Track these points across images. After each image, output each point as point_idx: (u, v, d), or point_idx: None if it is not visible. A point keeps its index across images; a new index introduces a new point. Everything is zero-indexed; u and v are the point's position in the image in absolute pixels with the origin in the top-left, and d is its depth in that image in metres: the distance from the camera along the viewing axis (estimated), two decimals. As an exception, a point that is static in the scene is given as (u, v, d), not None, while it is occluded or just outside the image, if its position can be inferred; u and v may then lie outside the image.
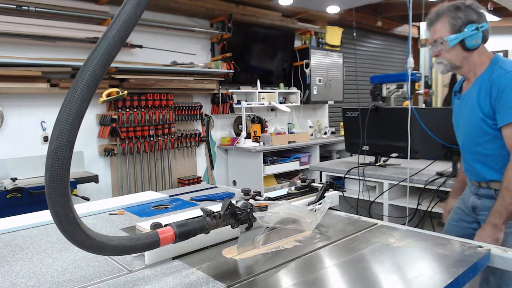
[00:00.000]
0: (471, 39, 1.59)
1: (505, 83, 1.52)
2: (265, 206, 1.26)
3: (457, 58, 1.64)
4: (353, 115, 3.08)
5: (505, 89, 1.51)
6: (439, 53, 1.66)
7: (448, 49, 1.63)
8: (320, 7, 5.09)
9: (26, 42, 3.35)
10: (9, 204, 2.77)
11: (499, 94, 1.53)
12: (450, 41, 1.60)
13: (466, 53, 1.62)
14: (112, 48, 0.79)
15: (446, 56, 1.65)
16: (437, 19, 1.65)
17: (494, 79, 1.56)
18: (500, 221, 1.57)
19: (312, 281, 1.03)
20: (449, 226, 1.91)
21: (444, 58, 1.66)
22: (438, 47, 1.65)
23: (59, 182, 0.77)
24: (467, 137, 1.73)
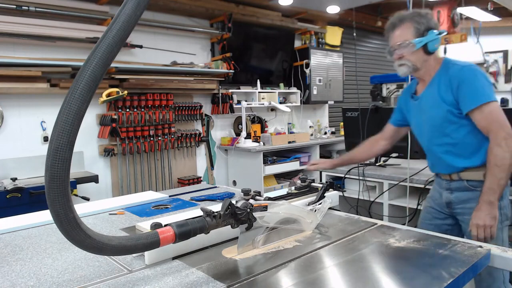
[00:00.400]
0: (433, 43, 1.72)
1: (463, 75, 1.66)
2: (265, 206, 1.26)
3: (419, 60, 1.75)
4: (353, 115, 3.08)
5: (465, 80, 1.65)
6: (403, 55, 1.75)
7: (413, 52, 1.73)
8: (320, 7, 5.08)
9: (26, 42, 3.35)
10: (9, 204, 2.77)
11: (460, 85, 1.65)
12: (416, 43, 1.71)
13: (426, 57, 1.75)
14: (112, 48, 0.79)
15: (410, 58, 1.74)
16: (400, 23, 1.75)
17: (452, 74, 1.70)
18: (495, 198, 1.61)
19: (312, 281, 1.03)
20: (424, 225, 1.96)
21: (408, 60, 1.75)
22: (403, 50, 1.74)
23: (59, 182, 0.77)
24: (433, 131, 1.79)
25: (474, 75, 1.65)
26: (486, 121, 1.62)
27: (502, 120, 1.61)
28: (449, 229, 1.86)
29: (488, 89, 1.64)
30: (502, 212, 1.69)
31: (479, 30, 5.65)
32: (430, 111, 1.78)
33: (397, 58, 1.77)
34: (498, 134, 1.59)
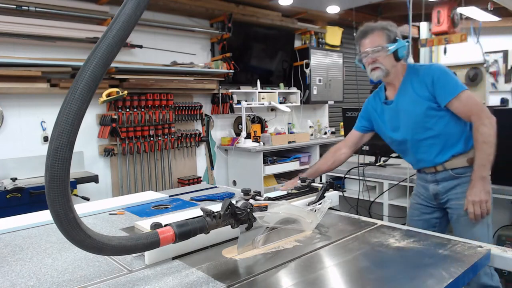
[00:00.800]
0: (402, 49, 1.83)
1: (434, 72, 1.78)
2: (265, 206, 1.26)
3: (390, 65, 1.84)
4: (353, 115, 3.08)
5: (437, 76, 1.77)
6: (377, 59, 1.84)
7: (386, 56, 1.82)
8: (320, 7, 5.08)
9: (26, 42, 3.35)
10: (9, 204, 2.77)
11: (434, 81, 1.77)
12: (390, 47, 1.81)
13: (395, 63, 1.85)
14: (112, 48, 0.79)
15: (383, 62, 1.83)
16: (372, 31, 1.85)
17: (423, 73, 1.82)
18: (487, 173, 1.72)
19: (312, 281, 1.03)
20: (412, 222, 2.03)
21: (381, 64, 1.84)
22: (376, 54, 1.83)
23: (59, 182, 0.77)
24: (416, 128, 1.86)
25: (443, 70, 1.78)
26: (466, 107, 1.73)
27: (480, 104, 1.75)
28: (438, 222, 1.96)
29: (459, 81, 1.77)
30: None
31: (479, 30, 5.65)
32: (409, 110, 1.86)
33: (370, 62, 1.85)
34: (481, 114, 1.71)
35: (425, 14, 5.37)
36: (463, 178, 1.81)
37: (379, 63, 1.84)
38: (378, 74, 1.86)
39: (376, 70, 1.85)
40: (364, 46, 1.86)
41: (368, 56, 1.85)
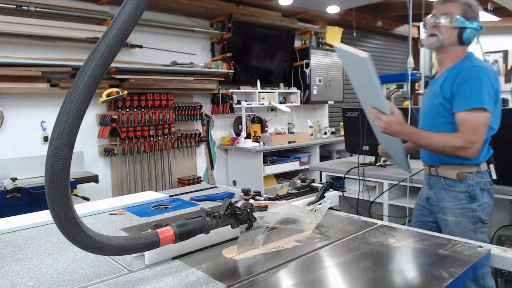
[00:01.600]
0: (469, 32, 1.70)
1: (468, 75, 1.65)
2: (265, 206, 1.26)
3: (449, 39, 1.73)
4: (353, 115, 3.08)
5: (467, 80, 1.64)
6: (439, 26, 1.73)
7: (449, 27, 1.71)
8: (320, 7, 5.08)
9: (26, 42, 3.35)
10: (9, 204, 2.77)
11: (461, 83, 1.65)
12: (459, 20, 1.68)
13: (456, 42, 1.73)
14: (112, 48, 0.79)
15: (444, 32, 1.72)
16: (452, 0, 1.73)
17: (461, 69, 1.69)
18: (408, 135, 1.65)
19: (312, 281, 1.03)
20: (413, 223, 2.01)
21: (440, 33, 1.73)
22: (443, 20, 1.71)
23: (59, 182, 0.77)
24: (426, 118, 1.83)
25: (479, 77, 1.63)
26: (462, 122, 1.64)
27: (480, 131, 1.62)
28: (434, 227, 1.90)
29: (486, 97, 1.61)
30: (474, 215, 1.73)
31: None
32: (431, 98, 1.81)
33: (432, 26, 1.75)
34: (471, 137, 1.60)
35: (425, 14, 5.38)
36: (451, 192, 1.77)
37: (438, 31, 1.73)
38: (432, 41, 1.75)
39: (432, 37, 1.75)
40: (436, 9, 1.75)
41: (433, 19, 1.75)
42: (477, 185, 1.73)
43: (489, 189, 1.77)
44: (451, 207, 1.77)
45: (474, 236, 1.70)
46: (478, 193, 1.73)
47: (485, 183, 1.75)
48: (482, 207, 1.74)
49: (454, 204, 1.76)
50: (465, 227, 1.73)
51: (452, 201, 1.77)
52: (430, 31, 1.76)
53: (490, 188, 1.78)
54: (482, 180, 1.74)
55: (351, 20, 5.71)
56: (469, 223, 1.73)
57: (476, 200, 1.73)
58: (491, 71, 1.67)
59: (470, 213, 1.72)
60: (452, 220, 1.77)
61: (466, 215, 1.74)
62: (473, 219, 1.72)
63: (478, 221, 1.73)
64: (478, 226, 1.73)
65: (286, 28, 5.45)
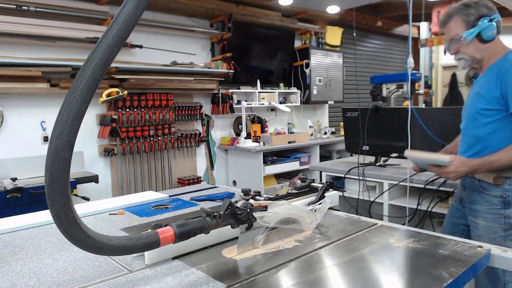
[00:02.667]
0: (486, 31, 1.67)
1: None
2: (265, 206, 1.26)
3: (476, 51, 1.71)
4: (353, 115, 3.08)
5: None
6: (458, 50, 1.74)
7: (466, 44, 1.70)
8: (320, 7, 5.08)
9: (26, 42, 3.35)
10: (9, 204, 2.77)
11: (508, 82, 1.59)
12: (467, 36, 1.68)
13: (484, 45, 1.69)
14: (112, 48, 0.79)
15: (466, 51, 1.72)
16: (449, 19, 1.73)
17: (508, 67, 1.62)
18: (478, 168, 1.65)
19: (312, 281, 1.03)
20: (445, 223, 1.96)
21: (464, 54, 1.73)
22: (456, 44, 1.73)
23: (59, 182, 0.77)
24: (469, 120, 1.80)
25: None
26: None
27: None
28: (465, 230, 1.84)
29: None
30: (506, 221, 1.66)
31: (479, 30, 5.62)
32: (472, 99, 1.77)
33: (453, 53, 1.76)
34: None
35: (425, 14, 5.38)
36: (485, 195, 1.70)
37: (461, 54, 1.73)
38: (463, 64, 1.76)
39: (460, 61, 1.76)
40: (446, 36, 1.76)
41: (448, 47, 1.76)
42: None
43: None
44: (483, 210, 1.71)
45: (504, 243, 1.64)
46: None
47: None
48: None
49: (487, 208, 1.70)
50: (495, 232, 1.67)
51: (485, 205, 1.70)
52: (455, 57, 1.77)
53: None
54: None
55: (351, 20, 5.71)
56: (499, 229, 1.66)
57: (511, 206, 1.65)
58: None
59: (502, 219, 1.66)
60: (483, 224, 1.70)
61: (497, 221, 1.67)
62: (504, 226, 1.65)
63: (510, 228, 1.66)
64: (509, 233, 1.66)
65: (286, 28, 5.45)
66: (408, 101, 2.57)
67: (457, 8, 1.71)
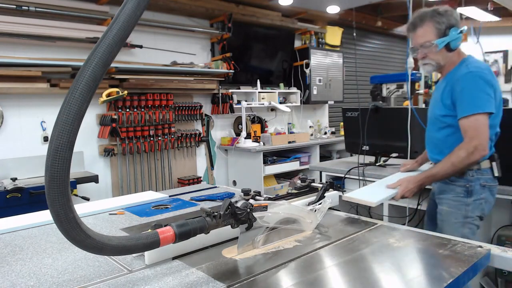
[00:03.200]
0: (456, 41, 1.78)
1: (464, 83, 1.73)
2: (265, 206, 1.26)
3: (443, 58, 1.83)
4: (353, 115, 3.08)
5: (465, 87, 1.73)
6: (426, 55, 1.84)
7: (436, 52, 1.80)
8: (320, 7, 5.08)
9: (26, 42, 3.35)
10: (9, 204, 2.77)
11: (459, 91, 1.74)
12: (439, 44, 1.78)
13: (449, 53, 1.82)
14: (112, 48, 0.79)
15: (434, 57, 1.83)
16: (421, 23, 1.81)
17: (459, 77, 1.77)
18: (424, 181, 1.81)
19: (312, 281, 1.03)
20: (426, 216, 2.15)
21: (431, 60, 1.83)
22: (426, 50, 1.82)
23: (59, 182, 0.77)
24: (431, 124, 1.95)
25: (476, 83, 1.71)
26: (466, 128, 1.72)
27: (483, 132, 1.70)
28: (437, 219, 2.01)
29: (485, 99, 1.70)
30: (466, 209, 1.80)
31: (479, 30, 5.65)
32: (433, 104, 1.92)
33: (420, 57, 1.85)
34: (473, 141, 1.69)
35: (425, 14, 5.37)
36: (451, 185, 1.85)
37: (429, 59, 1.83)
38: (429, 69, 1.87)
39: (426, 65, 1.85)
40: (413, 40, 1.84)
41: (418, 50, 1.84)
42: (477, 181, 1.79)
43: (490, 186, 1.82)
44: (448, 198, 1.86)
45: (461, 229, 1.78)
46: (477, 189, 1.79)
47: (485, 180, 1.81)
48: (478, 202, 1.80)
49: (452, 196, 1.84)
50: (455, 218, 1.81)
51: (451, 194, 1.85)
52: (421, 62, 1.87)
53: (492, 185, 1.83)
54: (482, 177, 1.80)
55: (351, 20, 5.71)
56: (460, 215, 1.80)
57: (473, 195, 1.79)
58: (486, 70, 1.75)
59: (463, 206, 1.79)
60: (446, 210, 1.85)
61: (459, 208, 1.81)
62: (464, 213, 1.79)
63: (469, 216, 1.79)
64: (467, 221, 1.79)
65: (286, 28, 5.45)
66: (408, 101, 2.57)
67: (430, 15, 1.78)
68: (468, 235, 1.75)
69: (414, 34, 1.83)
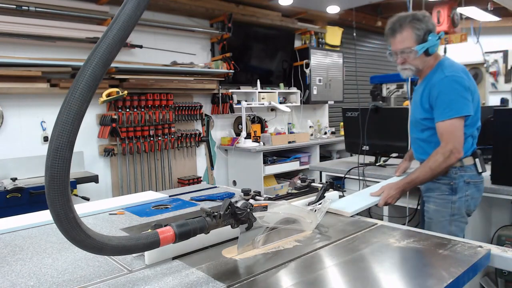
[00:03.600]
0: (434, 47, 1.82)
1: (442, 86, 1.77)
2: (265, 206, 1.26)
3: (421, 63, 1.85)
4: (353, 115, 3.08)
5: (442, 91, 1.76)
6: (405, 60, 1.85)
7: (416, 57, 1.83)
8: (320, 7, 5.08)
9: (26, 42, 3.35)
10: (9, 204, 2.77)
11: (438, 96, 1.77)
12: (419, 50, 1.80)
13: (427, 58, 1.85)
14: (112, 48, 0.79)
15: (413, 63, 1.85)
16: (400, 28, 1.82)
17: (435, 82, 1.80)
18: (406, 187, 1.81)
19: (312, 281, 1.03)
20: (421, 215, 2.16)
21: (411, 65, 1.86)
22: (405, 55, 1.83)
23: (59, 182, 0.77)
24: (413, 126, 2.00)
25: (452, 88, 1.75)
26: (442, 132, 1.77)
27: (458, 136, 1.75)
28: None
29: (461, 103, 1.74)
30: (453, 206, 1.83)
31: (479, 30, 5.65)
32: (414, 107, 1.96)
33: (400, 62, 1.87)
34: (448, 145, 1.73)
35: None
36: (437, 183, 1.87)
37: (408, 65, 1.85)
38: (408, 74, 1.89)
39: (406, 70, 1.88)
40: (393, 45, 1.86)
41: (397, 55, 1.86)
42: (461, 178, 1.83)
43: (475, 182, 1.85)
44: (434, 196, 1.89)
45: (448, 227, 1.81)
46: (461, 186, 1.83)
47: (469, 176, 1.84)
48: (464, 199, 1.83)
49: (437, 194, 1.88)
50: (442, 216, 1.84)
51: (437, 192, 1.88)
52: (400, 66, 1.88)
53: (477, 181, 1.86)
54: (465, 173, 1.84)
55: (351, 20, 5.71)
56: (447, 213, 1.84)
57: (458, 192, 1.83)
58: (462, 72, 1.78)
59: (449, 204, 1.83)
60: (433, 208, 1.89)
61: (445, 205, 1.84)
62: (451, 211, 1.83)
63: (456, 213, 1.83)
64: (454, 218, 1.83)
65: (286, 28, 5.45)
66: (408, 101, 2.57)
67: (409, 20, 1.80)
68: (456, 233, 1.79)
69: (393, 39, 1.85)
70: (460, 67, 1.84)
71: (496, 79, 7.30)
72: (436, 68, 1.86)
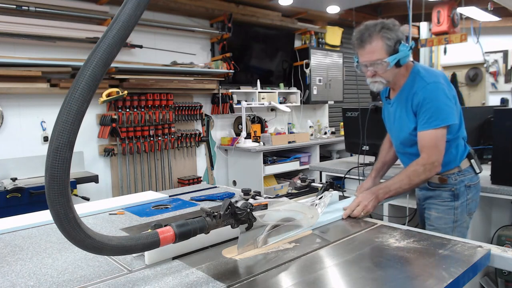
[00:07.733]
0: (406, 58, 1.69)
1: (426, 94, 1.66)
2: (265, 204, 1.26)
3: (392, 75, 1.72)
4: (353, 115, 3.08)
5: (426, 99, 1.66)
6: (376, 73, 1.71)
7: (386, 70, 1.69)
8: (320, 7, 5.08)
9: (26, 42, 3.35)
10: (9, 204, 2.77)
11: (422, 104, 1.67)
12: (391, 61, 1.66)
13: (398, 69, 1.72)
14: (112, 48, 0.79)
15: (384, 75, 1.71)
16: (370, 39, 1.67)
17: (416, 90, 1.69)
18: (382, 196, 1.67)
19: (312, 281, 1.03)
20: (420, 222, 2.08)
21: (381, 78, 1.72)
22: (376, 67, 1.69)
23: (59, 182, 0.77)
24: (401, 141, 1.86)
25: (436, 95, 1.65)
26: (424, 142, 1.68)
27: (441, 150, 1.66)
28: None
29: (445, 111, 1.65)
30: (455, 212, 1.78)
31: (479, 30, 5.65)
32: (398, 123, 1.83)
33: (369, 75, 1.73)
34: (431, 158, 1.65)
35: (425, 14, 5.37)
36: (437, 191, 1.83)
37: (379, 77, 1.72)
38: (378, 87, 1.75)
39: (376, 83, 1.74)
40: (361, 57, 1.73)
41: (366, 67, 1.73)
42: (461, 183, 1.79)
43: (474, 184, 1.83)
44: (435, 203, 1.84)
45: (451, 234, 1.75)
46: (462, 190, 1.79)
47: (469, 179, 1.81)
48: (466, 203, 1.80)
49: (439, 201, 1.83)
50: (445, 223, 1.80)
51: (438, 199, 1.83)
52: (370, 79, 1.74)
53: (476, 183, 1.84)
54: (465, 177, 1.80)
55: (351, 20, 5.71)
56: (449, 220, 1.80)
57: (460, 198, 1.79)
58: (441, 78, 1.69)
59: (452, 210, 1.79)
60: (435, 215, 1.84)
61: (448, 212, 1.80)
62: (454, 217, 1.79)
63: (459, 219, 1.79)
64: (457, 224, 1.80)
65: (286, 28, 5.45)
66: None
67: (378, 29, 1.66)
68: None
69: (362, 51, 1.71)
70: (438, 73, 1.74)
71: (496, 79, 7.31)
72: (413, 76, 1.74)
